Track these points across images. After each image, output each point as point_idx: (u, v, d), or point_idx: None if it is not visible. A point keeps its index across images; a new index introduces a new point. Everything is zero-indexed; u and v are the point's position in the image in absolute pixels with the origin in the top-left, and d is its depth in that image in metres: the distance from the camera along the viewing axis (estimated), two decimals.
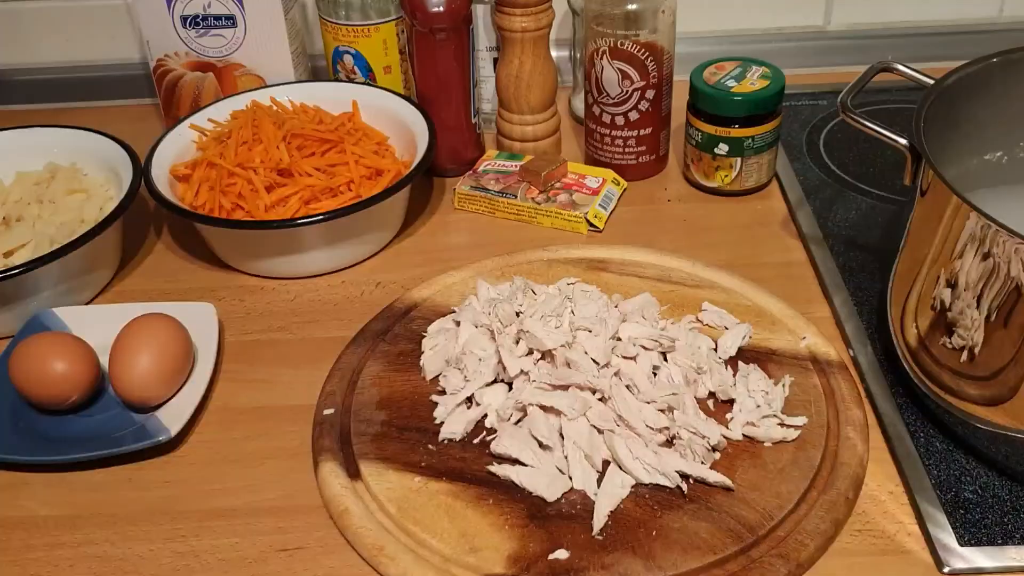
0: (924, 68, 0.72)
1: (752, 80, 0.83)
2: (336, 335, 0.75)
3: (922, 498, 0.60)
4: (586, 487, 0.60)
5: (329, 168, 0.83)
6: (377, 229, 0.82)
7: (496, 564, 0.56)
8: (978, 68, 0.68)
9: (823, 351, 0.69)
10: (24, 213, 0.81)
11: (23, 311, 0.75)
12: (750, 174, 0.86)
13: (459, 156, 0.92)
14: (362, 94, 0.90)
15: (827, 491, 0.59)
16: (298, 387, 0.71)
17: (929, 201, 0.62)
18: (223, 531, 0.61)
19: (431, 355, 0.69)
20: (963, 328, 0.59)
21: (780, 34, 1.10)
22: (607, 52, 0.84)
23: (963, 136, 0.70)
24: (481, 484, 0.61)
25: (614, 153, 0.90)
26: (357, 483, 0.62)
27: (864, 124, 0.67)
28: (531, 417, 0.63)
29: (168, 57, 0.96)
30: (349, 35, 0.91)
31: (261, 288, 0.81)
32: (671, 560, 0.55)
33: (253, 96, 0.91)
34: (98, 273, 0.80)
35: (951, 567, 0.56)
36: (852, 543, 0.58)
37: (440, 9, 0.83)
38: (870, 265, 0.78)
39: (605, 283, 0.76)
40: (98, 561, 0.59)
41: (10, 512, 0.63)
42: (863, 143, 0.94)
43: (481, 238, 0.85)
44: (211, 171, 0.82)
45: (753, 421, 0.62)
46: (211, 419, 0.69)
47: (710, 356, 0.67)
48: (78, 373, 0.66)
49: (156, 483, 0.64)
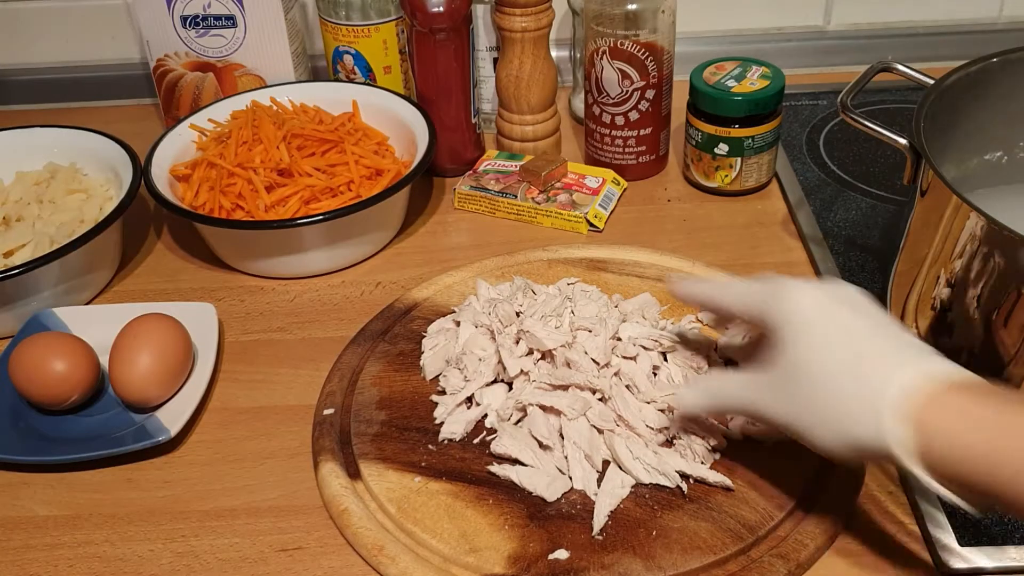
0: (924, 68, 0.72)
1: (752, 80, 0.83)
2: (336, 335, 0.75)
3: (922, 498, 0.60)
4: (586, 487, 0.60)
5: (329, 168, 0.83)
6: (377, 229, 0.82)
7: (496, 564, 0.56)
8: (978, 68, 0.68)
9: None
10: (24, 213, 0.81)
11: (23, 311, 0.75)
12: (750, 174, 0.86)
13: (459, 156, 0.92)
14: (362, 94, 0.90)
15: (827, 491, 0.59)
16: (298, 387, 0.71)
17: (929, 201, 0.62)
18: (223, 531, 0.61)
19: (431, 355, 0.69)
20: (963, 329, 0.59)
21: (780, 34, 1.10)
22: (607, 52, 0.84)
23: (963, 136, 0.70)
24: (481, 484, 0.61)
25: (614, 153, 0.90)
26: (357, 483, 0.62)
27: (864, 124, 0.67)
28: (531, 417, 0.63)
29: (168, 57, 0.96)
30: (349, 35, 0.91)
31: (261, 288, 0.81)
32: (671, 560, 0.55)
33: (253, 96, 0.91)
34: (98, 273, 0.80)
35: (951, 567, 0.56)
36: (852, 543, 0.58)
37: (440, 9, 0.83)
38: (870, 265, 0.78)
39: (605, 283, 0.76)
40: (98, 561, 0.59)
41: (10, 512, 0.63)
42: (863, 143, 0.94)
43: (481, 238, 0.85)
44: (211, 171, 0.82)
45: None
46: (211, 419, 0.69)
47: (711, 356, 0.67)
48: (78, 373, 0.66)
49: (156, 483, 0.64)
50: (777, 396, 0.51)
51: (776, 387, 0.51)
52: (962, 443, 0.44)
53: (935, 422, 0.45)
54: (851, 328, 0.50)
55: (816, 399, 0.49)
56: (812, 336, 0.50)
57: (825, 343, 0.49)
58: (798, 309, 0.51)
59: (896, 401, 0.46)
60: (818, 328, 0.50)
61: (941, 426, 0.44)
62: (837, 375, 0.48)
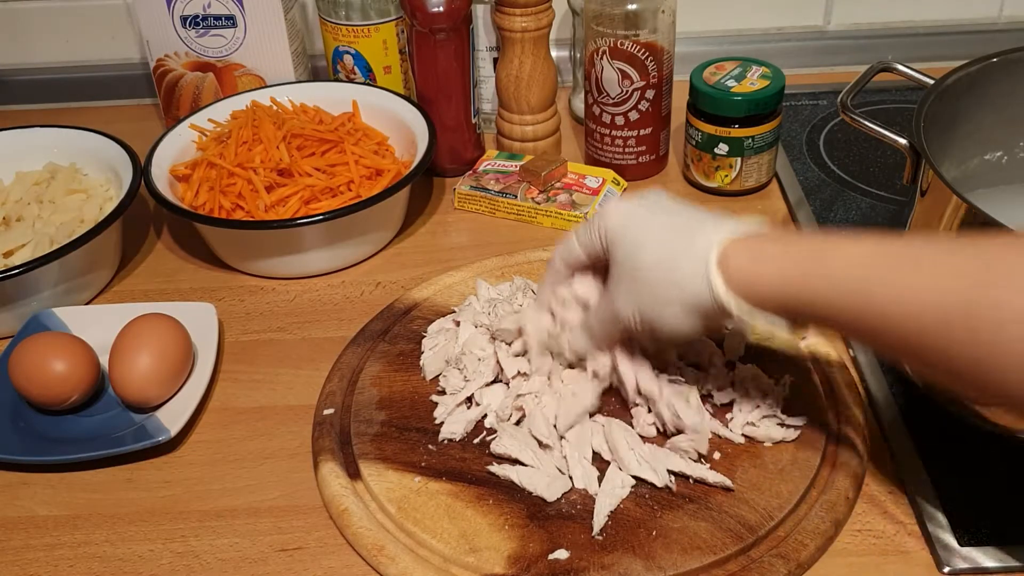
0: (924, 68, 0.72)
1: (752, 80, 0.83)
2: (336, 335, 0.75)
3: (922, 498, 0.60)
4: (587, 486, 0.60)
5: (329, 168, 0.83)
6: (377, 229, 0.82)
7: (496, 564, 0.56)
8: (978, 68, 0.68)
9: (823, 351, 0.69)
10: (24, 213, 0.81)
11: (23, 311, 0.75)
12: (750, 174, 0.86)
13: (459, 156, 0.92)
14: (362, 94, 0.90)
15: (827, 491, 0.59)
16: (298, 387, 0.71)
17: (929, 201, 0.62)
18: (223, 531, 0.61)
19: (431, 355, 0.69)
20: None
21: (780, 34, 1.10)
22: (607, 52, 0.84)
23: (963, 136, 0.70)
24: (481, 484, 0.61)
25: (614, 153, 0.90)
26: (357, 483, 0.62)
27: (864, 124, 0.67)
28: (531, 417, 0.63)
29: (168, 57, 0.96)
30: (349, 35, 0.91)
31: (261, 288, 0.81)
32: (671, 560, 0.55)
33: (253, 96, 0.91)
34: (98, 273, 0.80)
35: (951, 567, 0.56)
36: (852, 543, 0.58)
37: (440, 9, 0.83)
38: None
39: None
40: (98, 561, 0.59)
41: (10, 512, 0.63)
42: (863, 143, 0.94)
43: (481, 238, 0.85)
44: (211, 171, 0.82)
45: (753, 421, 0.62)
46: (211, 419, 0.69)
47: (712, 357, 0.67)
48: (78, 373, 0.66)
49: (156, 483, 0.64)
50: (627, 298, 0.58)
51: (622, 291, 0.58)
52: (755, 271, 0.53)
53: (736, 261, 0.53)
54: (665, 219, 0.58)
55: (653, 283, 0.56)
56: (635, 234, 0.57)
57: (647, 236, 0.57)
58: (616, 222, 0.58)
59: (714, 255, 0.54)
60: (638, 227, 0.58)
61: (740, 263, 0.53)
62: (665, 256, 0.56)
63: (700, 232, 0.55)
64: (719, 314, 0.54)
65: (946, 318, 0.46)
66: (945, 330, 0.46)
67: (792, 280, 0.52)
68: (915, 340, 0.47)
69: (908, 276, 0.48)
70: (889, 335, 0.49)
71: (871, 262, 0.49)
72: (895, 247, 0.49)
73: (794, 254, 0.52)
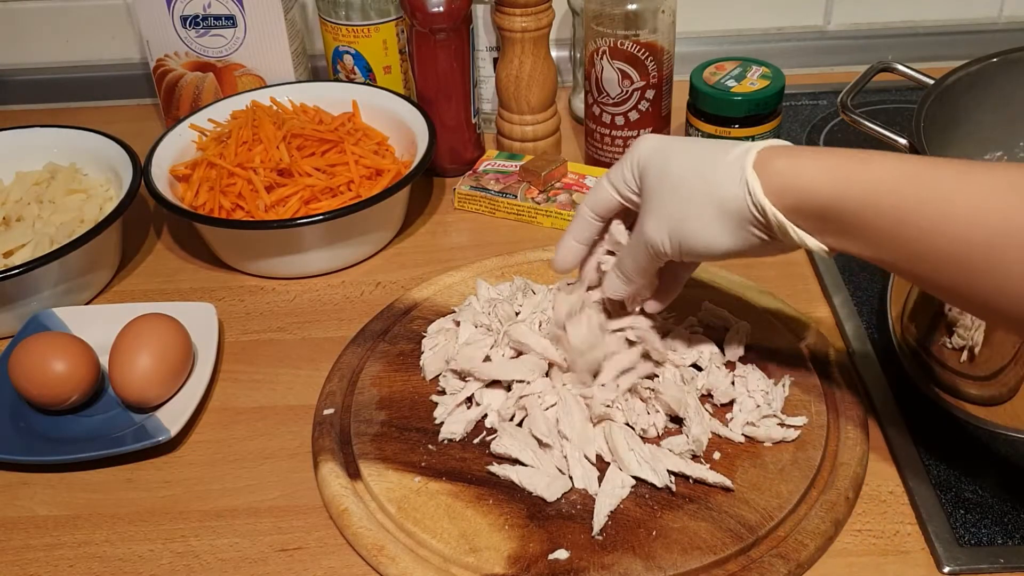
0: (924, 68, 0.72)
1: (752, 80, 0.83)
2: (336, 335, 0.75)
3: (922, 498, 0.60)
4: (587, 486, 0.60)
5: (329, 168, 0.83)
6: (377, 229, 0.82)
7: (496, 564, 0.56)
8: (978, 68, 0.68)
9: (823, 351, 0.69)
10: (24, 213, 0.81)
11: (23, 311, 0.75)
12: None
13: (459, 156, 0.92)
14: (362, 94, 0.90)
15: (827, 491, 0.59)
16: (298, 387, 0.71)
17: None
18: (223, 531, 0.61)
19: (431, 355, 0.69)
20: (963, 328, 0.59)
21: (780, 34, 1.10)
22: (607, 52, 0.84)
23: (963, 136, 0.70)
24: (481, 484, 0.61)
25: (614, 153, 0.90)
26: (357, 483, 0.62)
27: (864, 124, 0.67)
28: (531, 417, 0.63)
29: (168, 57, 0.96)
30: (349, 35, 0.91)
31: (261, 288, 0.81)
32: (671, 560, 0.55)
33: (253, 96, 0.91)
34: (98, 273, 0.80)
35: (951, 567, 0.56)
36: (852, 543, 0.58)
37: (440, 9, 0.83)
38: (870, 265, 0.78)
39: None
40: (98, 561, 0.59)
41: (10, 512, 0.63)
42: (863, 143, 0.93)
43: (481, 238, 0.85)
44: (211, 171, 0.82)
45: (753, 421, 0.62)
46: (211, 419, 0.69)
47: (712, 357, 0.67)
48: (78, 373, 0.66)
49: (156, 483, 0.64)
50: (659, 222, 0.56)
51: (652, 215, 0.56)
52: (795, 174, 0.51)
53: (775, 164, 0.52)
54: (699, 141, 0.57)
55: (685, 193, 0.55)
56: (667, 153, 0.56)
57: (681, 150, 0.56)
58: (649, 146, 0.58)
59: (751, 158, 0.52)
60: (671, 147, 0.57)
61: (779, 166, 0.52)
62: (699, 163, 0.54)
63: (735, 144, 0.54)
64: (754, 223, 0.53)
65: (998, 235, 0.44)
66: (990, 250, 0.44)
67: (833, 182, 0.49)
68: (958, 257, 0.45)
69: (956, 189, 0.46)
70: (929, 251, 0.47)
71: (916, 171, 0.47)
72: (944, 161, 0.47)
73: (836, 158, 0.50)
